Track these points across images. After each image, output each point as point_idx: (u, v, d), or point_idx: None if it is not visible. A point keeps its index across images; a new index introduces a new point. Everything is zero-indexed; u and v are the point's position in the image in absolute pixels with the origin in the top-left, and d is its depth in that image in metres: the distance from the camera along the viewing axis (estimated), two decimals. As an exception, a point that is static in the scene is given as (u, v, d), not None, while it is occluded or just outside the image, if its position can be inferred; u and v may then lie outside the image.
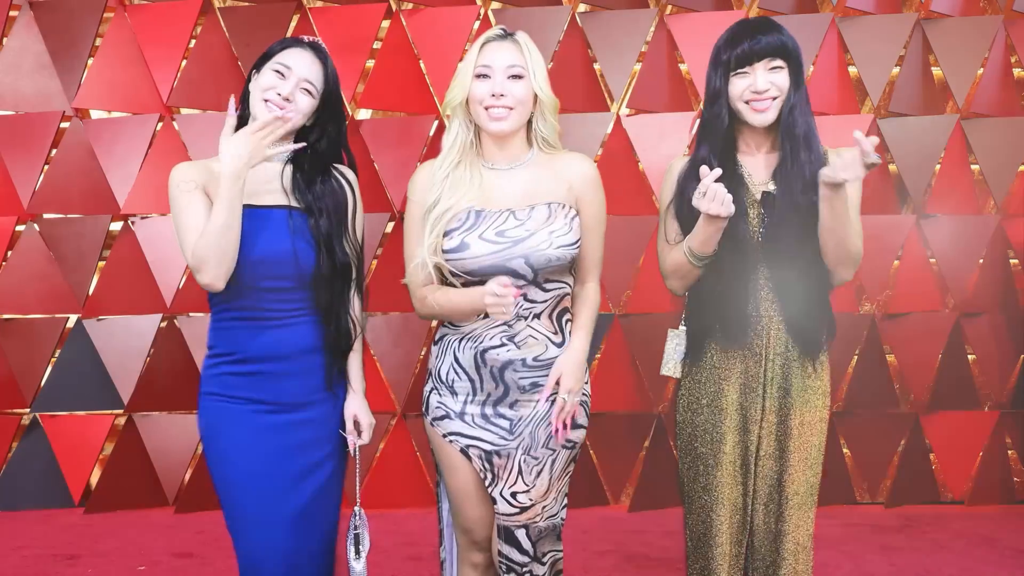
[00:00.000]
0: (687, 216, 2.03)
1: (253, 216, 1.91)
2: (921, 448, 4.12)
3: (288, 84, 1.92)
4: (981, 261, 4.07)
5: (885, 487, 4.09)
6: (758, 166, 2.07)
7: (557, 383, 1.97)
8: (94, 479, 4.00)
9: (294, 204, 1.98)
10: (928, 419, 4.09)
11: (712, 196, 1.87)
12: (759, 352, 2.04)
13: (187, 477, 3.96)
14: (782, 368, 2.05)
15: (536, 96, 2.00)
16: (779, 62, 2.02)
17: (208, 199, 1.88)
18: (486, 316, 1.96)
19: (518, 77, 1.97)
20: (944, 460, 4.13)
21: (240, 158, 1.82)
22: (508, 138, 2.02)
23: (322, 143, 2.02)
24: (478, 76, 1.98)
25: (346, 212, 2.09)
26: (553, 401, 2.01)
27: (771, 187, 2.03)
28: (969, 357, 4.11)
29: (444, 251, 1.99)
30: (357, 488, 2.07)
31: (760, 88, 1.99)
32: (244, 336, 1.93)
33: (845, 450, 4.09)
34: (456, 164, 2.04)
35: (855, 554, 3.44)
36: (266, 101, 1.92)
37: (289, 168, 2.01)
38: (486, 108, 1.97)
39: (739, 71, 2.01)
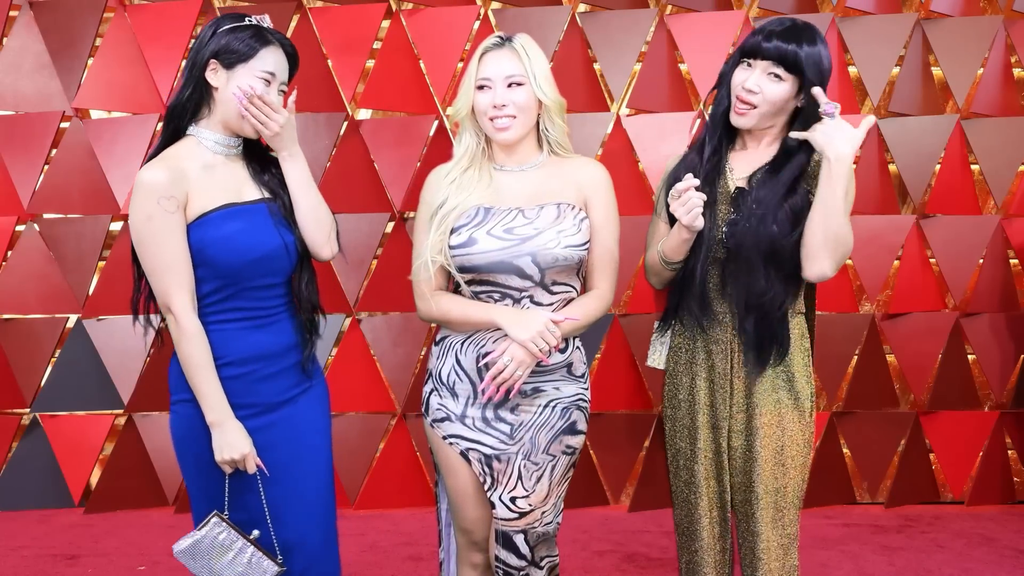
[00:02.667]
0: (670, 212, 2.05)
1: (244, 213, 1.89)
2: (921, 448, 4.12)
3: (272, 91, 1.90)
4: (981, 261, 4.07)
5: (885, 487, 4.09)
6: (742, 161, 2.08)
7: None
8: (94, 479, 4.00)
9: (266, 195, 1.96)
10: (928, 419, 4.09)
11: (684, 202, 1.90)
12: (725, 346, 2.05)
13: (187, 477, 3.96)
14: (745, 367, 2.05)
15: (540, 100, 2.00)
16: (780, 71, 1.96)
17: (183, 220, 1.83)
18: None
19: (518, 84, 1.98)
20: (944, 460, 4.13)
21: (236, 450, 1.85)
22: (516, 144, 2.03)
23: None
24: (479, 88, 2.00)
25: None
26: (554, 406, 2.01)
27: (743, 183, 2.04)
28: (969, 357, 4.11)
29: (451, 246, 1.98)
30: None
31: (749, 85, 1.97)
32: (234, 337, 1.89)
33: (845, 450, 4.09)
34: (465, 169, 2.05)
35: (855, 554, 3.45)
36: (239, 96, 1.87)
37: (245, 161, 1.98)
38: (490, 119, 1.99)
39: (745, 61, 2.00)
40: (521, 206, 2.00)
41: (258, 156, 2.00)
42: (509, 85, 1.97)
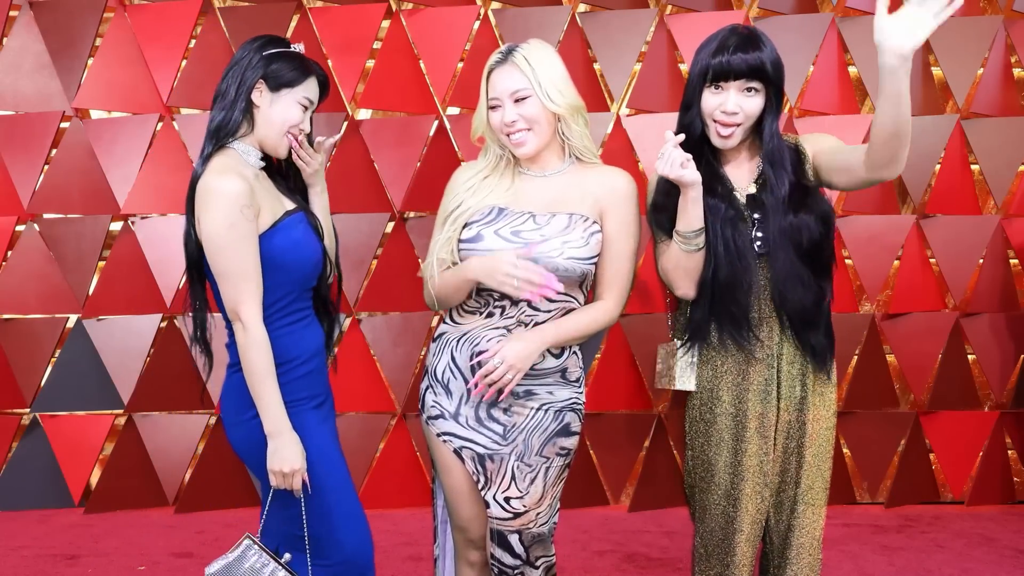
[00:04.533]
0: (665, 219, 2.04)
1: (299, 221, 1.99)
2: (921, 448, 4.12)
3: (307, 117, 2.01)
4: (981, 261, 4.07)
5: (885, 487, 4.09)
6: (739, 174, 2.07)
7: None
8: (94, 479, 4.00)
9: (297, 205, 2.05)
10: (928, 419, 4.10)
11: (666, 159, 1.89)
12: (770, 354, 2.03)
13: (187, 477, 3.97)
14: (799, 368, 2.04)
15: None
16: (755, 84, 1.96)
17: (257, 230, 1.90)
18: (478, 294, 1.99)
19: (524, 98, 1.96)
20: (944, 460, 4.13)
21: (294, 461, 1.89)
22: (537, 154, 2.02)
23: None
24: (491, 107, 2.00)
25: None
26: (547, 410, 2.01)
27: (754, 190, 2.03)
28: (969, 357, 4.12)
29: (460, 240, 2.00)
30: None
31: (729, 108, 1.96)
32: (298, 339, 1.98)
33: (845, 450, 4.09)
34: (485, 177, 2.06)
35: (855, 554, 3.45)
36: (288, 133, 1.99)
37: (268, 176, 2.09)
38: (506, 135, 1.99)
39: (713, 85, 1.98)
40: (535, 211, 2.00)
41: (280, 172, 2.10)
42: (516, 100, 1.96)
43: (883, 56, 1.79)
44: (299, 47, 2.02)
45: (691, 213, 1.95)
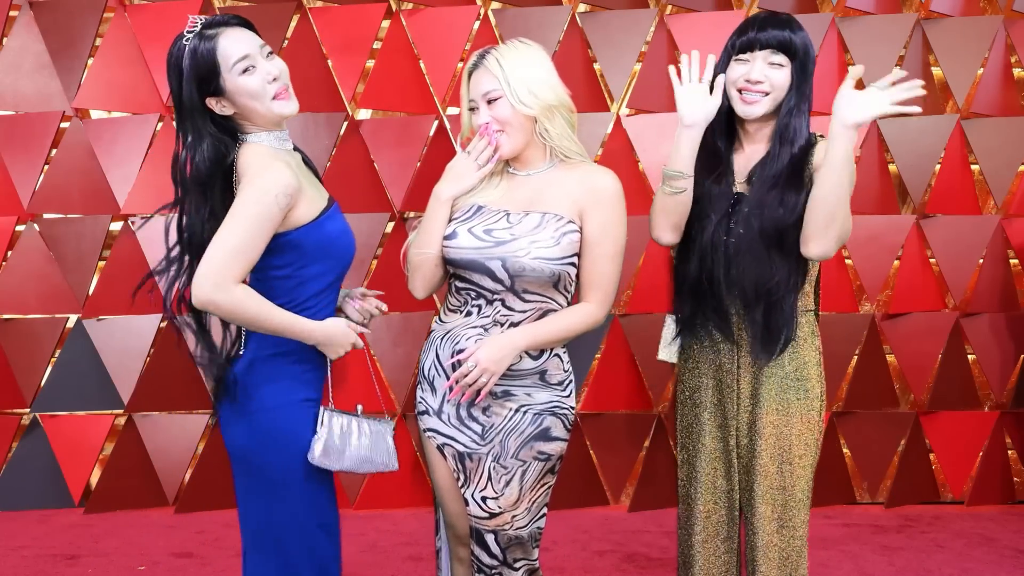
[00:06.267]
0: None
1: (339, 214, 1.96)
2: (921, 448, 4.12)
3: (260, 59, 1.84)
4: (981, 261, 4.07)
5: (885, 487, 4.09)
6: (741, 163, 2.08)
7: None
8: (94, 479, 4.00)
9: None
10: (928, 419, 4.09)
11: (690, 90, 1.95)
12: (732, 348, 2.05)
13: (187, 477, 3.97)
14: (753, 365, 2.05)
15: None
16: (781, 58, 2.00)
17: (279, 223, 1.80)
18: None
19: (495, 99, 1.97)
20: (944, 460, 4.13)
21: None
22: (519, 154, 2.03)
23: None
24: (471, 110, 2.03)
25: None
26: (525, 412, 2.00)
27: (742, 188, 2.05)
28: (969, 357, 4.11)
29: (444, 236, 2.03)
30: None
31: (754, 77, 1.98)
32: None
33: (845, 450, 4.09)
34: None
35: (855, 554, 3.45)
36: (275, 98, 1.85)
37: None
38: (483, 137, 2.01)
39: (739, 56, 2.01)
40: (510, 209, 2.00)
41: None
42: (488, 102, 1.97)
43: (831, 121, 1.90)
44: (190, 27, 1.88)
45: (683, 152, 1.99)
